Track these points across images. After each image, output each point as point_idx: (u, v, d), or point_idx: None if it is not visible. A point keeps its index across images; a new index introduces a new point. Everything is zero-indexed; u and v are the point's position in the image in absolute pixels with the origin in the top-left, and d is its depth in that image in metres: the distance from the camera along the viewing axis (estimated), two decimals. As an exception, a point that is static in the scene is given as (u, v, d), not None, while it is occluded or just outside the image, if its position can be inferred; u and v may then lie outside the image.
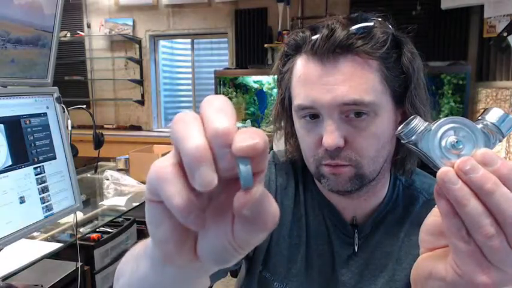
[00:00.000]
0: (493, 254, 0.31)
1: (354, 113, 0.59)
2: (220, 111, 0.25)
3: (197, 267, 0.30)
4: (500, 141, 0.34)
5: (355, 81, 0.58)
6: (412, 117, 0.36)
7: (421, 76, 0.64)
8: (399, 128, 0.36)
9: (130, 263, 0.42)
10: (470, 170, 0.31)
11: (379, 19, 0.62)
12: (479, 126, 0.34)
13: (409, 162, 0.68)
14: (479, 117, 0.35)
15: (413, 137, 0.35)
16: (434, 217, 0.38)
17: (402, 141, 0.36)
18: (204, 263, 0.29)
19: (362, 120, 0.59)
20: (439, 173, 0.32)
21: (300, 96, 0.62)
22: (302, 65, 0.63)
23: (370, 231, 0.70)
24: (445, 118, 0.34)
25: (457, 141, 0.33)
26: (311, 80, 0.60)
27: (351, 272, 0.70)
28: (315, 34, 0.60)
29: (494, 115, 0.34)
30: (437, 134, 0.34)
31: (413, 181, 0.73)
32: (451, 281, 0.34)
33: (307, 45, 0.61)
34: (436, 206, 0.35)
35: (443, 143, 0.34)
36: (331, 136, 0.58)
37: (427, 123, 0.35)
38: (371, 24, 0.60)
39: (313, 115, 0.62)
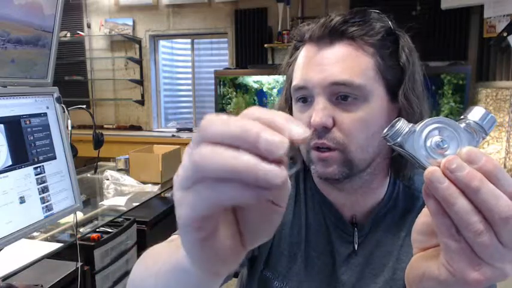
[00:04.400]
0: (483, 251, 0.32)
1: (341, 96, 0.60)
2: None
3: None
4: (483, 138, 0.35)
5: (347, 63, 0.60)
6: (396, 119, 0.36)
7: (418, 71, 0.65)
8: (384, 131, 0.37)
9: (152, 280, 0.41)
10: (456, 169, 0.31)
11: (378, 11, 0.64)
12: (462, 125, 0.35)
13: (407, 168, 0.68)
14: (462, 117, 0.36)
15: (398, 139, 0.35)
16: (425, 217, 0.39)
17: (388, 144, 0.37)
18: (256, 243, 0.31)
19: (350, 103, 0.60)
20: (426, 172, 0.33)
21: (296, 78, 0.65)
22: (303, 52, 0.66)
23: (370, 230, 0.70)
24: (429, 119, 0.35)
25: (441, 141, 0.34)
26: (307, 62, 0.63)
27: (351, 270, 0.70)
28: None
29: (476, 114, 0.35)
30: (422, 135, 0.34)
31: (413, 181, 0.73)
32: (444, 280, 0.34)
33: (308, 33, 0.64)
34: None
35: (428, 143, 0.34)
36: (318, 114, 0.59)
37: (411, 124, 0.35)
38: (368, 14, 0.63)
39: (305, 98, 0.63)
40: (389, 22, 0.64)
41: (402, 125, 0.35)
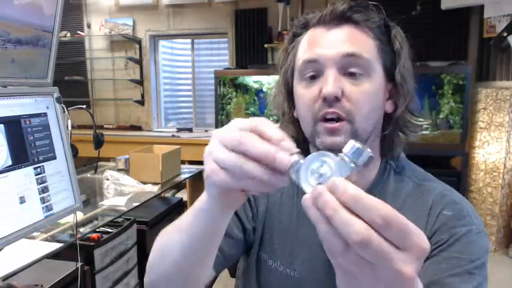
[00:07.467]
0: (346, 267, 0.35)
1: (349, 72, 0.66)
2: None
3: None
4: (355, 169, 0.39)
5: (356, 40, 0.67)
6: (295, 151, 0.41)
7: (409, 59, 0.71)
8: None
9: (171, 236, 0.60)
10: (316, 198, 0.35)
11: (375, 4, 0.71)
12: (338, 158, 0.40)
13: (397, 146, 0.74)
14: (341, 151, 0.41)
15: (291, 171, 0.40)
16: None
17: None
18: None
19: (357, 78, 0.66)
20: (302, 200, 0.37)
21: (306, 53, 0.69)
22: (309, 35, 0.71)
23: None
24: (314, 153, 0.40)
25: (320, 173, 0.39)
26: (317, 40, 0.69)
27: None
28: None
29: (347, 147, 0.40)
30: (308, 167, 0.40)
31: (403, 168, 0.77)
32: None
33: (314, 19, 0.71)
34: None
35: (309, 174, 0.40)
36: (331, 85, 0.64)
37: (301, 157, 0.40)
38: (368, 5, 0.70)
39: (313, 75, 0.68)
40: (384, 14, 0.71)
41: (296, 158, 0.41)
